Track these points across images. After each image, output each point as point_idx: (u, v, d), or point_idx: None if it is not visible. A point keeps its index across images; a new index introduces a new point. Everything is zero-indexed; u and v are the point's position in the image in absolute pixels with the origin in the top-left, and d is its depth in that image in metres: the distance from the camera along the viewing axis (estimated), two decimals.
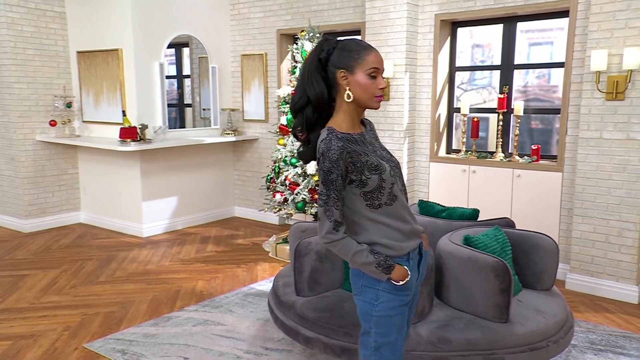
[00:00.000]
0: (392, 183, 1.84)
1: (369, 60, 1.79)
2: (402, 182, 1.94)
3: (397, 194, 1.86)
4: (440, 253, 3.03)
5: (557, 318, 2.93)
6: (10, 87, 5.85)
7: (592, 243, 4.19)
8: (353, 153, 1.78)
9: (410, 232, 1.91)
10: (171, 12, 5.95)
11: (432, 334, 2.71)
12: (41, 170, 6.11)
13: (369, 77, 1.79)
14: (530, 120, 5.18)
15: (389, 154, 1.95)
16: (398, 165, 1.93)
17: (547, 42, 5.24)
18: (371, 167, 1.79)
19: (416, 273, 1.99)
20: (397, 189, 1.87)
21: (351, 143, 1.80)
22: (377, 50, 1.84)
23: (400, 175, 1.93)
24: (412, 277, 1.93)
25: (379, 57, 1.82)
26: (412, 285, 1.95)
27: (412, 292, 1.98)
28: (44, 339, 3.38)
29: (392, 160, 1.93)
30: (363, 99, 1.81)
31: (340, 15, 5.61)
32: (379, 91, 1.81)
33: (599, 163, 4.11)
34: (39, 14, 5.97)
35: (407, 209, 1.92)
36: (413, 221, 1.94)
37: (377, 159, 1.84)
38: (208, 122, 6.59)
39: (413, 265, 1.94)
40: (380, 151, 1.92)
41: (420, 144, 5.22)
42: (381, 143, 2.00)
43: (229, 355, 3.21)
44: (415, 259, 1.96)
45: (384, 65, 1.84)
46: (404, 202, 1.91)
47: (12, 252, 5.25)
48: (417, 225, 1.95)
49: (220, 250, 5.37)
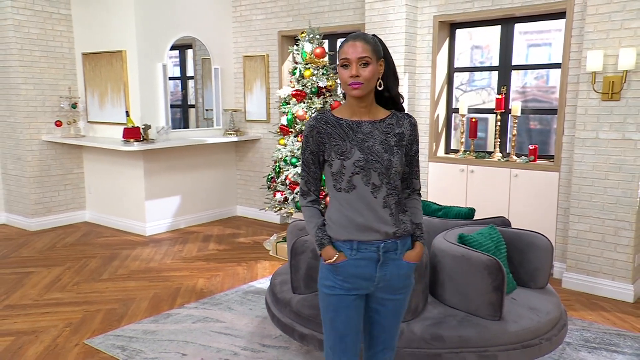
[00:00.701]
0: (354, 173, 1.90)
1: (341, 51, 1.91)
2: (381, 179, 1.92)
3: (358, 186, 1.91)
4: (435, 251, 3.08)
5: (550, 316, 2.97)
6: (17, 88, 5.95)
7: (588, 242, 4.22)
8: (324, 134, 1.94)
9: (362, 226, 1.94)
10: (174, 14, 6.04)
11: (425, 331, 2.75)
12: (47, 170, 6.21)
13: (342, 67, 1.90)
14: (529, 120, 5.22)
15: (386, 153, 1.92)
16: (383, 164, 1.91)
17: (546, 43, 5.28)
18: (338, 151, 1.92)
19: (370, 272, 1.98)
20: (359, 181, 1.91)
21: (330, 126, 1.95)
22: (359, 39, 1.88)
23: (382, 173, 1.92)
24: (358, 270, 1.97)
25: (355, 47, 1.87)
26: (351, 275, 1.97)
27: (355, 286, 1.99)
28: (45, 335, 3.46)
29: (379, 157, 1.91)
30: (343, 88, 1.94)
31: (340, 17, 5.67)
32: (349, 79, 1.87)
33: (595, 163, 4.14)
34: (45, 17, 6.07)
35: (370, 204, 1.93)
36: (374, 219, 1.94)
37: (351, 146, 1.91)
38: (211, 123, 6.67)
39: (365, 260, 1.97)
40: (373, 143, 1.93)
41: (420, 144, 5.25)
42: (393, 140, 1.95)
43: (226, 351, 3.27)
44: (369, 254, 1.97)
45: (362, 54, 1.86)
46: (364, 196, 1.92)
47: (18, 250, 5.35)
48: (379, 224, 1.95)
49: (221, 248, 5.44)
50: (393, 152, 1.94)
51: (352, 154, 1.90)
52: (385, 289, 2.03)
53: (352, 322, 2.02)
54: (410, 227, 2.04)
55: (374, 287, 2.02)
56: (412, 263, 2.05)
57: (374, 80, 1.93)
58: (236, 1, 6.59)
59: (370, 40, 1.90)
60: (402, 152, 1.97)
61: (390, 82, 2.00)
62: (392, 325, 2.12)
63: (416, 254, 2.05)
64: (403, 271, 2.03)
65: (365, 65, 1.87)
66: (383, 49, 1.97)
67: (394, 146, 1.95)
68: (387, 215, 1.95)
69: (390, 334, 2.14)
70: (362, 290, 2.01)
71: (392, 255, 2.00)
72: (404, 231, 2.00)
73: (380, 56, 1.93)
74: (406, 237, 2.03)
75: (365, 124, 1.96)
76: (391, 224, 1.96)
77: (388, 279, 2.01)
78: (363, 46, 1.87)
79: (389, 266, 2.00)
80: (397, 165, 1.95)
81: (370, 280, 2.00)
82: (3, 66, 6.02)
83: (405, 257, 2.02)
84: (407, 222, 2.02)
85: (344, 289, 1.99)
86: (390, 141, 1.95)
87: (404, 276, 2.05)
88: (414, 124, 2.03)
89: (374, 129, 1.96)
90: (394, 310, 2.09)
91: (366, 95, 1.93)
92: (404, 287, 2.07)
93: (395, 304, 2.08)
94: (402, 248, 2.02)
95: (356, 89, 1.88)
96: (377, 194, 1.93)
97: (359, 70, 1.86)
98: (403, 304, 2.11)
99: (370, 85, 1.91)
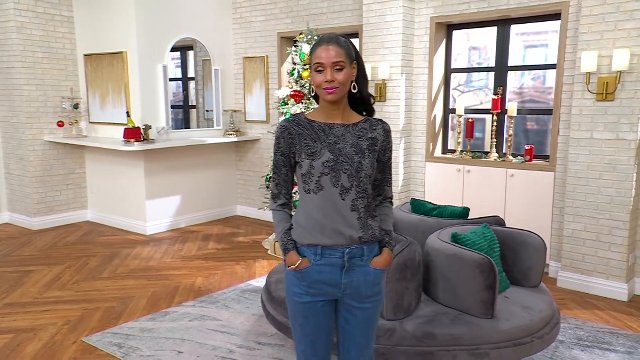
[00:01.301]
0: (323, 174, 1.88)
1: (315, 55, 1.88)
2: (350, 181, 1.89)
3: (326, 187, 1.89)
4: (428, 250, 3.12)
5: (542, 314, 3.00)
6: (20, 89, 6.02)
7: (582, 241, 4.25)
8: (295, 135, 1.94)
9: (327, 229, 1.91)
10: (175, 16, 6.10)
11: (417, 329, 2.79)
12: (49, 170, 6.27)
13: (316, 72, 1.88)
14: (526, 121, 5.25)
15: (357, 155, 1.90)
16: (353, 166, 1.89)
17: (542, 44, 5.31)
18: (308, 152, 1.91)
19: (336, 278, 1.95)
20: (327, 182, 1.88)
21: (302, 127, 1.94)
22: (333, 43, 1.86)
23: (352, 175, 1.89)
24: (322, 276, 1.94)
25: (328, 52, 1.85)
26: (315, 281, 1.95)
27: (321, 292, 1.97)
28: (44, 333, 3.52)
29: (350, 159, 1.89)
30: (316, 91, 1.93)
31: (338, 18, 5.72)
32: (324, 84, 1.86)
33: (589, 162, 4.17)
34: (48, 18, 6.14)
35: (337, 206, 1.90)
36: (340, 221, 1.90)
37: (321, 147, 1.90)
38: (211, 123, 6.73)
39: (330, 266, 1.94)
40: (344, 145, 1.90)
41: (416, 144, 5.31)
42: (365, 143, 1.93)
43: (222, 349, 3.32)
44: (334, 259, 1.94)
45: (337, 58, 1.85)
46: (332, 198, 1.89)
47: (20, 249, 5.41)
48: (345, 228, 1.91)
49: (220, 247, 5.49)
50: (364, 155, 1.91)
51: (321, 155, 1.89)
52: (353, 296, 1.99)
53: (322, 328, 2.01)
54: (378, 233, 1.99)
55: (341, 294, 1.98)
56: (379, 270, 2.00)
57: (348, 84, 1.92)
58: (236, 3, 6.64)
59: (343, 44, 1.88)
60: (374, 156, 1.94)
61: (362, 84, 1.99)
62: (363, 335, 2.05)
63: (383, 260, 2.00)
64: (370, 278, 1.98)
65: (339, 69, 1.86)
66: (355, 51, 1.95)
67: (365, 149, 1.92)
68: (354, 219, 1.92)
69: (362, 346, 2.07)
70: (329, 296, 1.99)
71: (358, 262, 1.96)
72: (371, 236, 1.96)
73: (353, 59, 1.92)
74: (373, 243, 1.99)
75: (338, 126, 1.94)
76: (357, 227, 1.92)
77: (355, 286, 1.97)
78: (337, 50, 1.85)
79: (355, 272, 1.96)
80: (368, 168, 1.92)
81: (336, 286, 1.96)
82: (6, 67, 6.09)
83: (372, 263, 1.98)
84: (375, 228, 1.98)
85: (310, 294, 1.97)
86: (362, 144, 1.93)
87: (371, 283, 1.99)
88: (387, 130, 2.00)
89: (346, 131, 1.93)
90: (364, 320, 2.03)
91: (340, 99, 1.92)
92: (372, 294, 2.01)
93: (364, 313, 2.02)
94: (369, 254, 1.98)
95: (331, 94, 1.87)
96: (346, 196, 1.90)
97: (334, 75, 1.85)
98: (373, 315, 2.05)
99: (344, 89, 1.90)
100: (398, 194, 5.19)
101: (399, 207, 3.93)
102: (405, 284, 2.85)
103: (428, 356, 2.75)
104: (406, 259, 2.86)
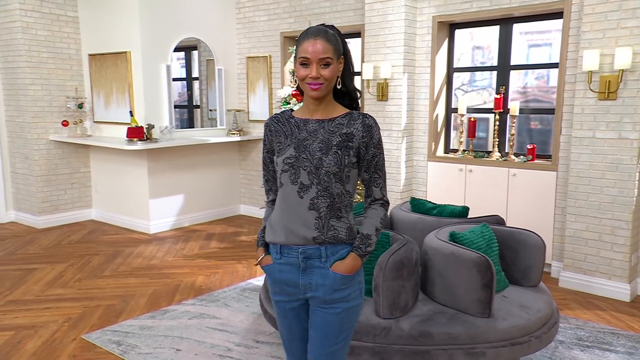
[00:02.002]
0: (283, 170, 1.84)
1: (301, 49, 1.79)
2: (311, 179, 1.81)
3: (285, 184, 1.84)
4: (426, 249, 3.11)
5: (540, 314, 2.98)
6: (25, 89, 6.08)
7: (585, 241, 4.22)
8: (274, 132, 1.92)
9: (284, 227, 1.85)
10: (178, 16, 6.12)
11: (414, 328, 2.78)
12: (54, 169, 6.32)
13: (301, 65, 1.80)
14: (530, 120, 5.22)
15: (320, 151, 1.80)
16: (313, 163, 1.80)
17: (546, 43, 5.28)
18: (278, 148, 1.89)
19: (294, 278, 1.88)
20: (287, 179, 1.83)
21: (280, 124, 1.92)
22: (320, 37, 1.77)
23: (311, 172, 1.80)
24: (282, 275, 1.89)
25: (315, 46, 1.76)
26: (277, 280, 1.91)
27: (285, 292, 1.91)
28: (44, 330, 3.55)
29: (311, 155, 1.81)
30: (300, 85, 1.85)
31: (341, 18, 5.72)
32: (309, 79, 1.78)
33: (591, 162, 4.14)
34: (53, 19, 6.19)
35: (293, 204, 1.83)
36: (295, 220, 1.83)
37: (288, 144, 1.86)
38: (215, 123, 6.75)
39: (289, 266, 1.88)
40: (312, 142, 1.83)
41: (419, 144, 5.29)
42: (336, 139, 1.82)
43: (220, 347, 3.33)
44: (292, 259, 1.87)
45: (323, 54, 1.77)
46: (290, 195, 1.83)
47: (24, 247, 5.46)
48: (299, 227, 1.83)
49: (223, 246, 5.51)
50: (329, 151, 1.80)
51: (285, 151, 1.85)
52: (315, 299, 1.88)
53: (293, 329, 1.97)
54: (344, 235, 1.85)
55: (303, 296, 1.89)
56: (340, 275, 1.83)
57: (334, 80, 1.83)
58: (240, 3, 6.66)
59: (331, 39, 1.79)
60: (346, 153, 1.81)
61: (347, 78, 1.90)
62: (320, 340, 1.90)
63: (345, 266, 1.83)
64: (328, 282, 1.83)
65: (325, 65, 1.78)
66: (342, 43, 1.86)
67: (334, 146, 1.80)
68: (311, 218, 1.81)
69: (320, 352, 1.90)
70: (293, 296, 1.91)
71: (316, 263, 1.84)
72: (331, 238, 1.82)
73: (340, 54, 1.83)
74: (334, 244, 1.84)
75: (312, 122, 1.87)
76: (313, 227, 1.81)
77: (314, 289, 1.86)
78: (324, 46, 1.76)
79: (313, 274, 1.85)
80: (331, 166, 1.79)
81: (295, 287, 1.89)
82: (12, 67, 6.15)
83: (332, 267, 1.83)
84: (339, 230, 1.84)
85: (276, 294, 1.95)
86: (332, 140, 1.81)
87: (330, 288, 1.84)
88: (368, 125, 1.84)
89: (320, 127, 1.85)
90: (322, 326, 1.88)
91: (324, 95, 1.85)
92: (333, 301, 1.86)
93: (324, 318, 1.87)
94: (331, 256, 1.84)
95: (315, 90, 1.80)
96: (304, 195, 1.81)
97: (319, 71, 1.77)
98: (333, 323, 1.87)
99: (330, 86, 1.82)
100: (400, 193, 5.18)
101: (399, 206, 3.93)
102: (401, 283, 2.84)
103: (424, 355, 2.74)
104: (403, 258, 2.85)
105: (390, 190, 5.24)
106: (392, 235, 3.18)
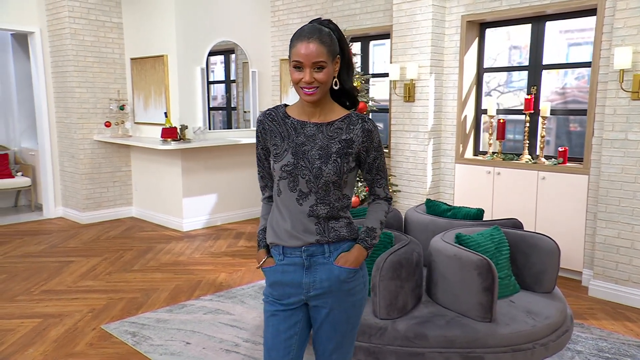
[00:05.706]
0: (281, 178, 1.79)
1: (294, 51, 1.70)
2: (309, 187, 1.77)
3: (284, 191, 1.81)
4: (431, 251, 3.06)
5: (549, 321, 2.87)
6: (72, 92, 6.42)
7: (616, 249, 4.00)
8: (268, 131, 1.85)
9: (286, 232, 1.83)
10: (213, 20, 6.30)
11: (410, 329, 2.74)
12: (97, 167, 6.65)
13: (294, 68, 1.72)
14: (569, 122, 5.00)
15: (320, 160, 1.75)
16: (312, 172, 1.76)
17: (587, 42, 5.04)
18: (274, 152, 1.83)
19: (298, 278, 1.84)
20: (285, 187, 1.80)
21: (275, 123, 1.84)
22: (314, 39, 1.67)
23: (310, 181, 1.77)
24: (285, 276, 1.85)
25: (308, 49, 1.67)
26: (278, 282, 1.87)
27: (284, 294, 1.86)
28: (69, 319, 3.74)
29: (310, 164, 1.76)
30: (295, 89, 1.76)
31: (371, 19, 5.70)
32: (302, 83, 1.71)
33: (624, 165, 3.93)
34: (99, 25, 6.51)
35: (294, 212, 1.81)
36: (297, 226, 1.81)
37: (285, 149, 1.80)
38: (249, 124, 6.88)
39: (293, 266, 1.85)
40: (311, 148, 1.78)
41: (446, 146, 5.19)
42: (336, 146, 1.77)
43: (228, 342, 3.39)
44: (295, 259, 1.84)
45: (317, 58, 1.67)
46: (289, 203, 1.81)
47: (66, 241, 5.77)
48: (301, 233, 1.81)
49: (250, 245, 5.61)
50: (329, 160, 1.75)
51: (283, 157, 1.79)
52: (319, 297, 1.85)
53: (279, 336, 1.88)
54: (346, 232, 1.85)
55: (305, 296, 1.85)
56: (345, 268, 1.83)
57: (330, 82, 1.74)
58: (274, 6, 6.77)
59: (325, 40, 1.69)
60: (345, 160, 1.77)
61: (344, 77, 1.82)
62: (331, 339, 1.90)
63: (350, 257, 1.83)
64: (334, 275, 1.83)
65: (319, 69, 1.69)
66: (339, 39, 1.76)
67: (333, 153, 1.76)
68: (311, 225, 1.80)
69: (330, 351, 1.91)
70: (292, 299, 1.86)
71: (320, 259, 1.83)
72: (333, 238, 1.82)
73: (336, 54, 1.73)
74: (338, 242, 1.84)
75: (310, 125, 1.80)
76: (315, 233, 1.81)
77: (318, 286, 1.84)
78: (318, 49, 1.66)
79: (318, 271, 1.83)
80: (330, 175, 1.75)
81: (299, 287, 1.84)
82: (61, 71, 6.52)
83: (337, 260, 1.83)
84: (340, 229, 1.83)
85: (273, 297, 1.89)
86: (331, 147, 1.76)
87: (337, 281, 1.83)
88: (368, 130, 1.79)
89: (318, 132, 1.79)
90: (332, 323, 1.87)
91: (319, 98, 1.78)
92: (339, 294, 1.85)
93: (332, 314, 1.86)
94: (334, 251, 1.83)
95: (310, 95, 1.72)
96: (304, 202, 1.79)
97: (313, 75, 1.69)
98: (342, 318, 1.88)
99: (325, 88, 1.74)
100: (426, 195, 5.09)
101: (414, 207, 3.88)
102: (399, 283, 2.81)
103: (419, 357, 2.70)
104: (401, 258, 2.82)
105: (416, 193, 5.16)
106: (396, 236, 3.14)
